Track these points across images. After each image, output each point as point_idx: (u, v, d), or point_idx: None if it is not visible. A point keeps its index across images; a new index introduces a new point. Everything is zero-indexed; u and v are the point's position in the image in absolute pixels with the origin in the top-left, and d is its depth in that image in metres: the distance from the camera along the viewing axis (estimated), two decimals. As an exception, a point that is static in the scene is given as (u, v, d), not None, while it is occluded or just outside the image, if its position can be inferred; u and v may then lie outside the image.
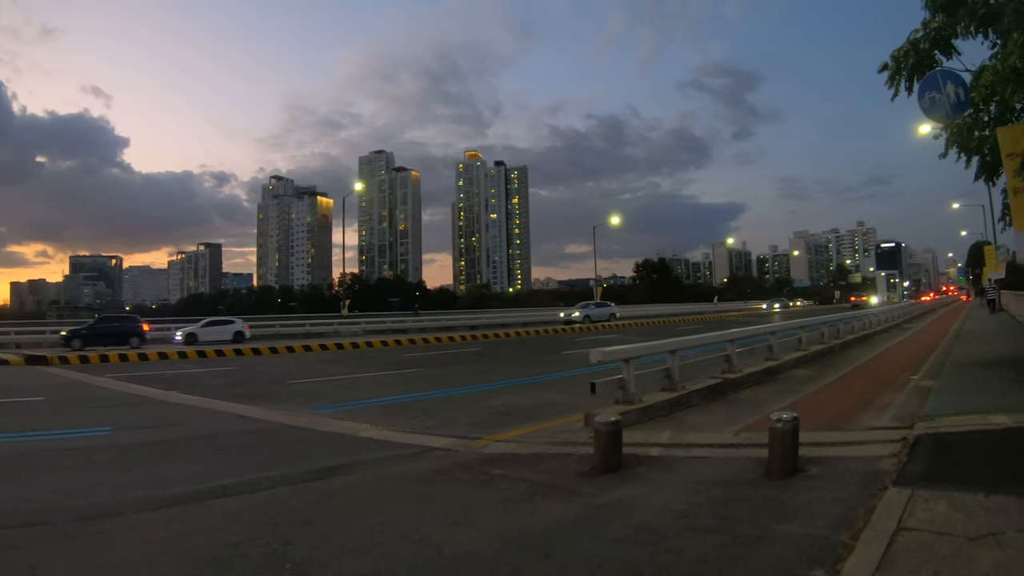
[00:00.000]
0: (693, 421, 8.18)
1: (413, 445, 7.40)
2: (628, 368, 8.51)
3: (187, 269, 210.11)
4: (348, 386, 13.82)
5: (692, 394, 9.31)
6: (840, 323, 18.44)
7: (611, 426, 6.07)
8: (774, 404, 8.92)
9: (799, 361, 13.30)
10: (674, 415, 8.58)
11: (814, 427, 7.18)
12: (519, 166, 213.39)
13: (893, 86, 9.25)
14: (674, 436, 7.27)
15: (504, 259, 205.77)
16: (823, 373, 12.21)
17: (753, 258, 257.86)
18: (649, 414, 8.38)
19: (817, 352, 14.65)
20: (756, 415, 8.18)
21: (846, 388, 10.40)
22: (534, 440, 7.55)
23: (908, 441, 5.73)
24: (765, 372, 11.55)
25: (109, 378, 15.87)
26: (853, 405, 8.64)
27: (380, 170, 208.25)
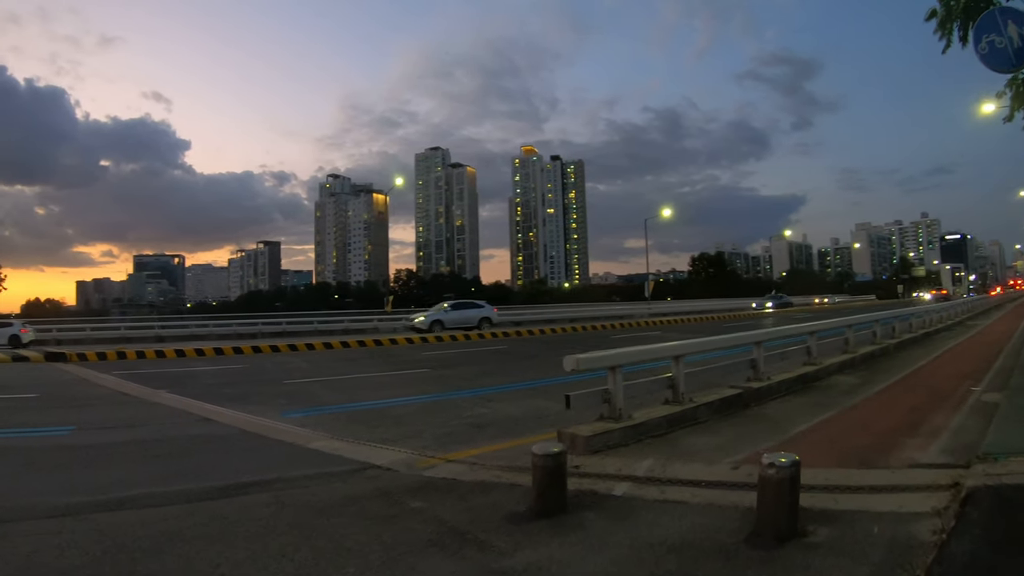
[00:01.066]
0: (691, 445, 6.62)
1: (354, 461, 6.61)
2: (614, 378, 7.01)
3: (247, 267, 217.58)
4: (342, 388, 13.12)
5: (700, 408, 7.73)
6: (895, 320, 16.26)
7: (549, 459, 4.70)
8: (800, 422, 7.35)
9: (843, 366, 11.42)
10: (671, 435, 7.04)
11: (840, 459, 5.60)
12: (575, 160, 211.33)
13: (943, 35, 7.40)
14: (656, 466, 5.77)
15: (561, 254, 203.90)
16: (869, 380, 10.33)
17: (814, 251, 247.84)
18: (638, 434, 6.88)
19: (866, 355, 12.72)
20: (773, 438, 6.61)
21: (893, 402, 8.54)
22: (492, 462, 6.34)
23: (959, 492, 4.09)
24: (799, 379, 9.79)
25: (115, 375, 15.64)
26: (897, 426, 6.87)
27: (436, 166, 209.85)
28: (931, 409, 7.67)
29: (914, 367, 11.87)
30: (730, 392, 8.39)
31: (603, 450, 6.44)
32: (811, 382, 9.96)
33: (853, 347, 12.63)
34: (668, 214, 51.26)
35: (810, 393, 9.31)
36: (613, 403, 7.00)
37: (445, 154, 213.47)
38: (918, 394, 8.90)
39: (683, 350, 7.96)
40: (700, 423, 7.52)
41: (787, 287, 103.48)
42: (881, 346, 13.88)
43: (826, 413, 7.80)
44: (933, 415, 7.32)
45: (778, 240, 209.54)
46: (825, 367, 10.69)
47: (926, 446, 5.93)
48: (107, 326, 34.29)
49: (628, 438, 6.75)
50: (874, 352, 13.19)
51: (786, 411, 8.08)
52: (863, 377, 10.68)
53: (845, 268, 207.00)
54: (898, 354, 13.91)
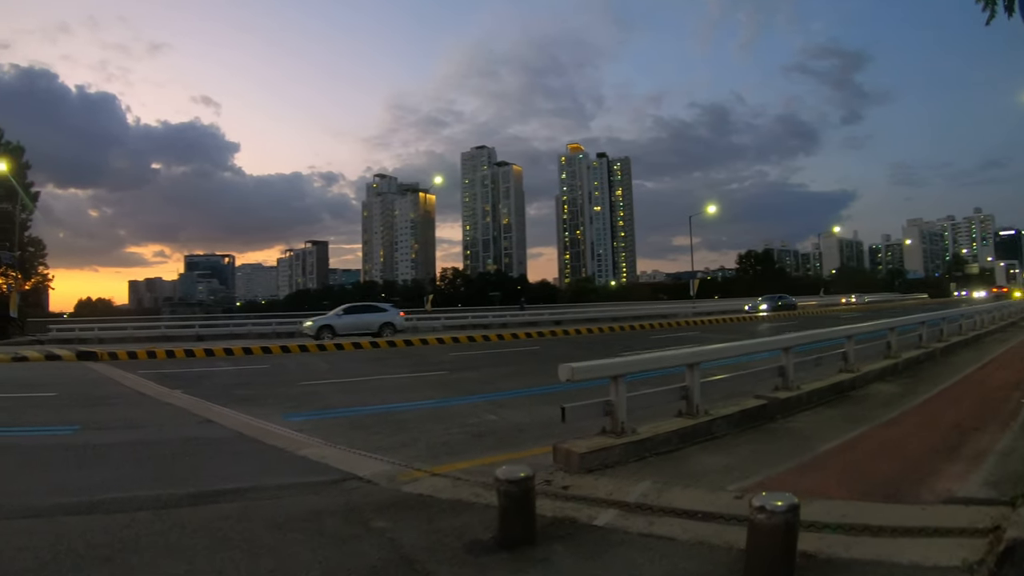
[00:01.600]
0: (699, 465, 5.94)
1: (337, 471, 6.30)
2: (617, 388, 6.38)
3: (295, 266, 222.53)
4: (354, 390, 12.86)
5: (717, 422, 7.02)
6: (943, 322, 15.01)
7: (513, 485, 4.16)
8: (827, 439, 6.58)
9: (884, 373, 10.46)
10: (680, 452, 6.37)
11: (864, 489, 4.86)
12: (621, 157, 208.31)
13: (987, 5, 6.51)
14: (652, 491, 5.14)
15: (609, 252, 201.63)
16: (911, 390, 9.36)
17: (865, 248, 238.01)
18: (643, 451, 6.25)
19: (911, 360, 11.69)
20: (793, 459, 5.92)
21: (934, 416, 7.61)
22: (478, 477, 5.79)
23: (998, 542, 3.34)
24: (833, 389, 8.93)
25: (138, 375, 15.74)
26: (936, 447, 6.03)
27: (482, 165, 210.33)
28: (977, 426, 6.77)
29: (961, 374, 10.81)
30: (753, 404, 7.64)
31: (600, 469, 5.86)
32: (846, 391, 9.09)
33: (896, 352, 11.59)
34: (713, 211, 49.52)
35: (844, 404, 8.46)
36: (615, 416, 6.37)
37: (491, 153, 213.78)
38: (963, 407, 7.96)
39: (698, 357, 7.26)
40: (716, 439, 6.83)
41: (836, 285, 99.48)
42: (927, 350, 12.79)
43: (858, 429, 6.98)
44: (979, 434, 6.43)
45: (828, 237, 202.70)
46: (863, 374, 9.78)
47: (966, 474, 5.09)
48: (148, 325, 35.30)
49: (630, 455, 6.14)
50: (919, 357, 12.14)
51: (814, 426, 7.29)
52: (905, 386, 9.71)
53: (896, 265, 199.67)
54: (945, 359, 12.82)
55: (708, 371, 7.59)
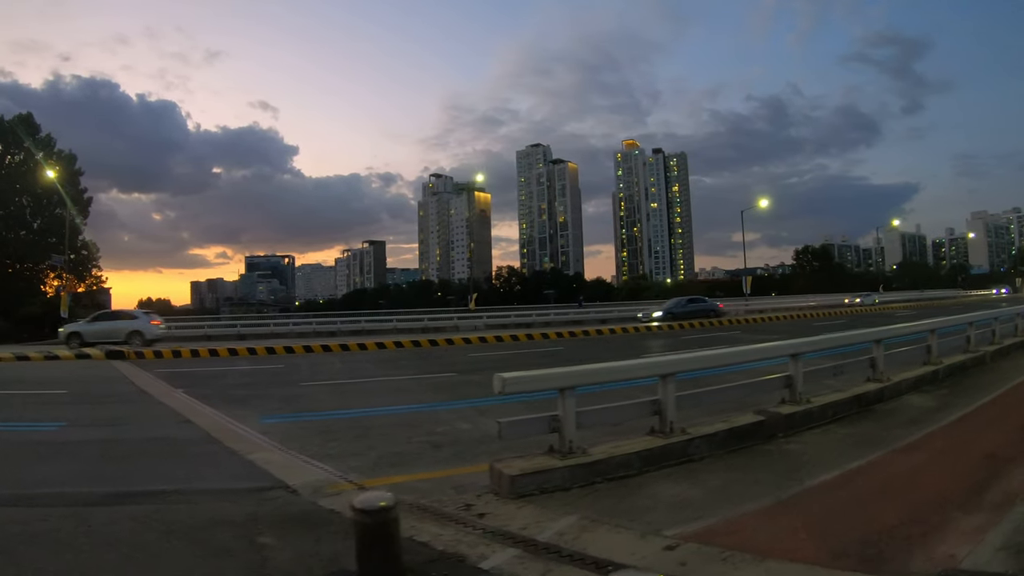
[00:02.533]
0: (652, 496, 4.92)
1: (272, 478, 5.95)
2: (564, 402, 5.45)
3: (353, 266, 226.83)
4: (347, 393, 12.55)
5: (695, 442, 5.94)
6: (995, 322, 13.12)
7: (368, 516, 3.31)
8: (826, 468, 5.44)
9: (920, 382, 9.02)
10: (640, 478, 5.37)
11: (837, 548, 3.75)
12: (677, 153, 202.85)
13: None
14: (571, 529, 4.24)
15: (666, 249, 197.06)
16: (947, 405, 7.95)
17: (928, 243, 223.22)
18: (592, 475, 5.30)
19: (954, 367, 10.17)
20: (771, 494, 4.84)
21: (965, 440, 6.27)
22: (407, 494, 5.06)
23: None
24: (854, 401, 7.63)
25: (153, 373, 15.89)
26: (954, 487, 4.74)
27: (538, 163, 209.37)
28: (1013, 458, 5.37)
29: (1010, 384, 9.24)
30: (746, 420, 6.50)
31: (534, 494, 5.00)
32: (870, 405, 7.78)
33: (936, 357, 10.06)
34: (765, 205, 47.00)
35: (862, 421, 7.19)
36: (562, 433, 5.47)
37: (546, 151, 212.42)
38: (1005, 429, 6.55)
39: (671, 367, 6.19)
40: (691, 462, 5.78)
41: (898, 281, 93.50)
42: (975, 354, 11.18)
43: (867, 455, 5.72)
44: (1014, 469, 5.05)
45: (890, 231, 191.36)
46: (894, 384, 8.40)
47: (982, 532, 3.81)
48: (191, 325, 35.88)
49: (576, 480, 5.22)
50: (964, 363, 10.56)
51: (816, 449, 6.09)
52: (941, 399, 8.31)
53: (960, 260, 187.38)
54: (995, 365, 11.19)
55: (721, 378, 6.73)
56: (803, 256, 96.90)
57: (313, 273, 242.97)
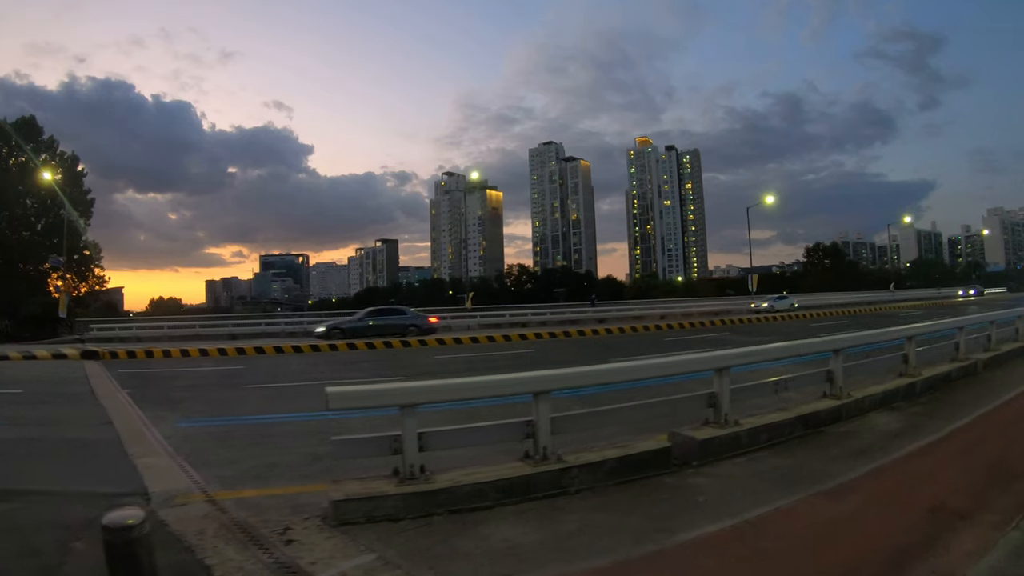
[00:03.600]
0: (481, 540, 4.03)
1: (138, 484, 5.66)
2: (404, 421, 4.63)
3: (366, 264, 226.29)
4: (281, 397, 12.14)
5: (572, 472, 4.98)
6: (991, 325, 11.69)
7: (114, 535, 2.84)
8: (721, 514, 4.40)
9: (890, 397, 7.79)
10: (487, 513, 4.50)
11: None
12: (690, 150, 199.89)
13: None
14: (359, 571, 3.44)
15: (679, 247, 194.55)
16: (914, 427, 6.71)
17: (944, 240, 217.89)
18: (432, 505, 4.49)
19: (937, 378, 8.91)
20: (635, 546, 3.86)
21: (914, 483, 5.04)
22: (242, 510, 4.73)
23: None
24: (798, 423, 6.48)
25: (115, 374, 15.68)
26: (871, 554, 3.61)
27: (550, 161, 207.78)
28: (965, 511, 4.17)
29: (997, 401, 7.93)
30: (646, 447, 5.50)
31: (360, 522, 4.30)
32: (821, 426, 6.63)
33: (914, 368, 8.76)
34: (771, 201, 45.42)
35: (802, 448, 6.05)
36: (404, 456, 4.66)
37: (559, 148, 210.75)
38: (967, 467, 5.30)
39: (548, 384, 5.21)
40: (563, 495, 4.85)
41: (912, 279, 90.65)
42: (963, 363, 9.83)
43: (783, 498, 4.60)
44: (958, 533, 3.84)
45: (905, 229, 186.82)
46: (854, 401, 7.20)
47: None
48: (183, 324, 35.39)
49: (412, 509, 4.44)
50: (950, 374, 9.27)
51: (725, 485, 5.03)
52: (910, 419, 7.08)
53: (976, 257, 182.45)
54: (987, 376, 9.86)
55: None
56: (814, 254, 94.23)
57: (328, 272, 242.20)
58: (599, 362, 15.60)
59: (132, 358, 20.45)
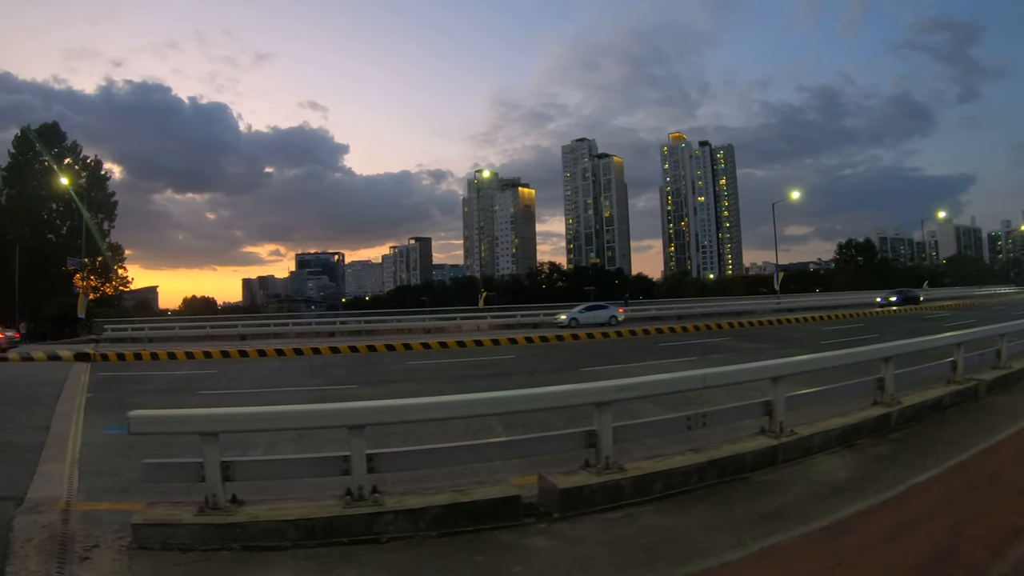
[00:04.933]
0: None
1: (21, 490, 5.60)
2: (205, 449, 4.27)
3: (399, 262, 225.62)
4: (225, 403, 11.27)
5: (387, 517, 4.22)
6: (1002, 339, 9.64)
7: None
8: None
9: (852, 433, 6.25)
10: (265, 556, 3.96)
11: None
12: (724, 145, 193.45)
13: None
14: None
15: (714, 243, 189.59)
16: (865, 478, 5.23)
17: (984, 236, 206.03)
18: (227, 539, 4.08)
19: (922, 406, 7.27)
20: None
21: (823, 573, 3.62)
22: (85, 523, 4.62)
23: None
24: (710, 468, 5.15)
25: (93, 376, 16.20)
26: None
27: (583, 158, 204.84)
28: None
29: (988, 442, 6.19)
30: (489, 495, 4.49)
31: (155, 548, 4.06)
32: (741, 472, 5.28)
33: (890, 396, 7.07)
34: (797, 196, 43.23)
35: (701, 504, 4.74)
36: (207, 485, 4.28)
37: (591, 145, 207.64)
38: (907, 550, 3.79)
39: (363, 418, 4.44)
40: (369, 543, 4.11)
41: (949, 276, 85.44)
42: (960, 387, 8.02)
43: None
44: None
45: (944, 224, 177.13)
46: (798, 440, 5.76)
47: None
48: (194, 325, 35.39)
49: (205, 540, 4.07)
50: (942, 400, 7.58)
51: (565, 551, 3.89)
52: (867, 465, 5.58)
53: (1017, 254, 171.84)
54: (990, 402, 8.06)
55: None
56: (846, 250, 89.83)
57: (363, 270, 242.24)
58: (566, 371, 14.54)
59: (121, 360, 20.36)
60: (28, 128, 43.36)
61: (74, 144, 45.45)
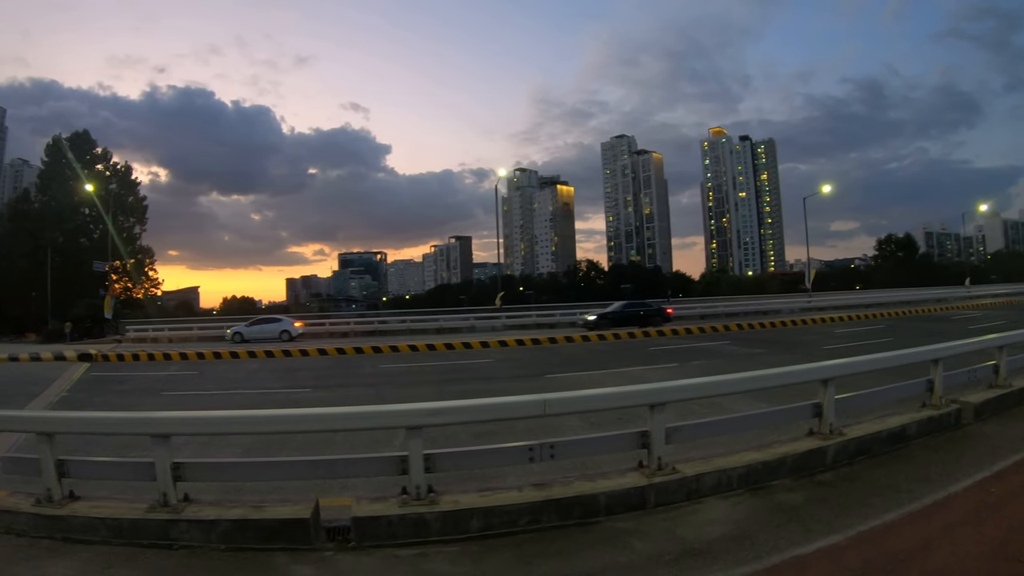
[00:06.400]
0: None
1: None
2: (42, 447, 4.50)
3: (439, 261, 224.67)
4: (183, 405, 11.49)
5: (183, 527, 4.15)
6: (1001, 352, 7.85)
7: None
8: None
9: (763, 472, 5.03)
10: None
11: None
12: (765, 140, 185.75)
13: None
14: None
15: (755, 240, 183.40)
16: (744, 539, 4.01)
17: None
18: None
19: (874, 439, 5.82)
20: None
21: None
22: None
23: None
24: (547, 508, 4.24)
25: (87, 376, 16.71)
26: None
27: (622, 155, 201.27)
28: None
29: (939, 494, 4.79)
30: (276, 515, 4.15)
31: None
32: (592, 516, 4.25)
33: (832, 423, 5.69)
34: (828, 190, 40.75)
35: (509, 551, 3.86)
36: (44, 481, 4.50)
37: (631, 141, 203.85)
38: None
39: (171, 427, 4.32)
40: (164, 548, 4.09)
41: (994, 272, 79.33)
42: (938, 412, 6.55)
43: None
44: None
45: (991, 218, 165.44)
46: (679, 481, 4.65)
47: None
48: (210, 326, 35.61)
49: (39, 528, 4.30)
50: (904, 429, 6.09)
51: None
52: (760, 521, 4.34)
53: None
54: (973, 431, 6.52)
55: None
56: (885, 246, 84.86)
57: (406, 269, 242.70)
58: (530, 378, 13.34)
59: (120, 360, 20.50)
60: (59, 137, 44.88)
61: (104, 151, 46.92)
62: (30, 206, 48.23)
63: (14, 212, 49.50)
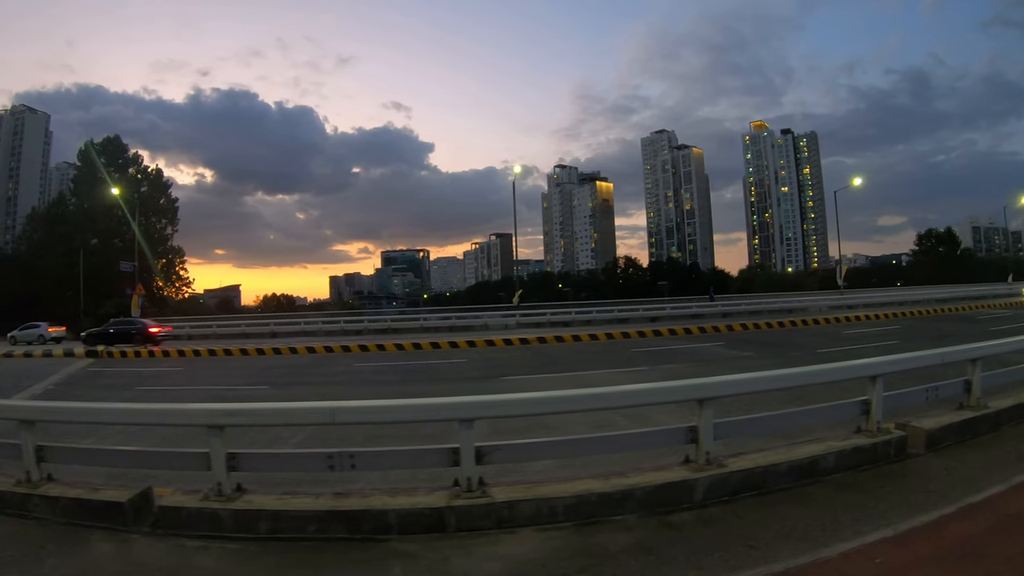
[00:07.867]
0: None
1: None
2: None
3: (480, 258, 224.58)
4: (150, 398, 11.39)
5: None
6: (974, 365, 6.58)
7: None
8: None
9: (597, 507, 4.24)
10: None
11: None
12: (807, 133, 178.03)
13: None
14: None
15: (798, 235, 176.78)
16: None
17: None
18: None
19: (767, 472, 4.86)
20: None
21: None
22: None
23: None
24: (337, 522, 3.99)
25: (89, 371, 17.27)
26: None
27: (662, 150, 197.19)
28: None
29: (812, 557, 3.67)
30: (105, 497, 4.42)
31: None
32: (376, 534, 3.86)
33: (711, 451, 4.85)
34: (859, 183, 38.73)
35: (261, 561, 3.68)
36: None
37: (671, 136, 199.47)
38: None
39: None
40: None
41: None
42: (869, 441, 5.49)
43: None
44: None
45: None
46: (486, 506, 4.04)
47: None
48: (230, 323, 36.14)
49: None
50: (817, 462, 5.10)
51: None
52: (549, 565, 3.63)
53: None
54: (918, 465, 5.33)
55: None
56: (926, 241, 80.00)
57: (448, 266, 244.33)
58: (488, 379, 12.64)
59: (124, 357, 20.79)
60: (91, 142, 46.56)
61: (135, 155, 48.63)
62: (65, 209, 50.42)
63: (50, 215, 51.89)
